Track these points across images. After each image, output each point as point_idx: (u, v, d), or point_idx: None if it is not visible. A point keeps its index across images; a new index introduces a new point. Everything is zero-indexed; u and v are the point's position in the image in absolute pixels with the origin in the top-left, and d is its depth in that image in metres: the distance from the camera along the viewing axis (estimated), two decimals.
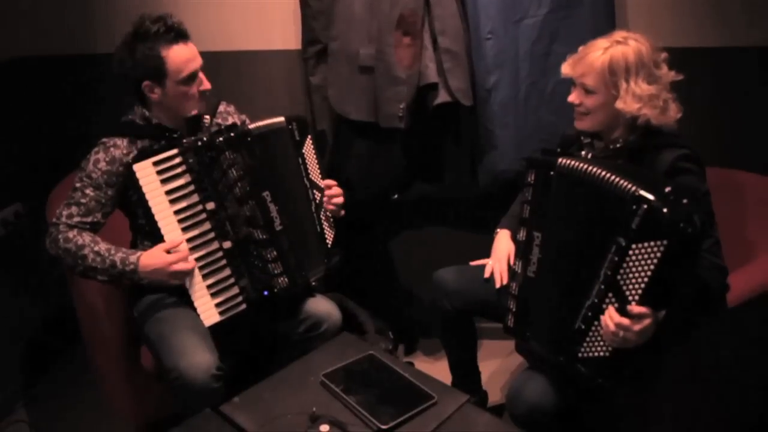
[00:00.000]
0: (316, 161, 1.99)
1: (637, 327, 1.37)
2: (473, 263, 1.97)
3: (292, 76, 2.47)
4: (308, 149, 1.97)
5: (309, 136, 1.98)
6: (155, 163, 1.70)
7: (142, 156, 1.71)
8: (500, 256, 1.89)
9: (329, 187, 1.99)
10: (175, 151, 1.73)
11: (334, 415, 1.51)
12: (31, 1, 2.52)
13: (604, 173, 1.45)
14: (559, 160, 1.56)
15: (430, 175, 2.44)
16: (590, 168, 1.48)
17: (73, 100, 2.62)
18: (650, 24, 2.25)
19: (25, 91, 2.63)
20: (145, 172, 1.70)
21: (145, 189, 1.70)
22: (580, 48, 1.68)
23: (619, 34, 1.63)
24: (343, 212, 2.03)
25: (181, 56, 1.73)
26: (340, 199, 2.00)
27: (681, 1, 2.24)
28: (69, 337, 2.49)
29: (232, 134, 1.78)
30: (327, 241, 2.02)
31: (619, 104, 1.59)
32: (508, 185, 2.22)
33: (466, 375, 2.13)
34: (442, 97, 2.15)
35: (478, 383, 2.16)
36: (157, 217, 1.71)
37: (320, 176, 2.00)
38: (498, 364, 2.53)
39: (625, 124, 1.64)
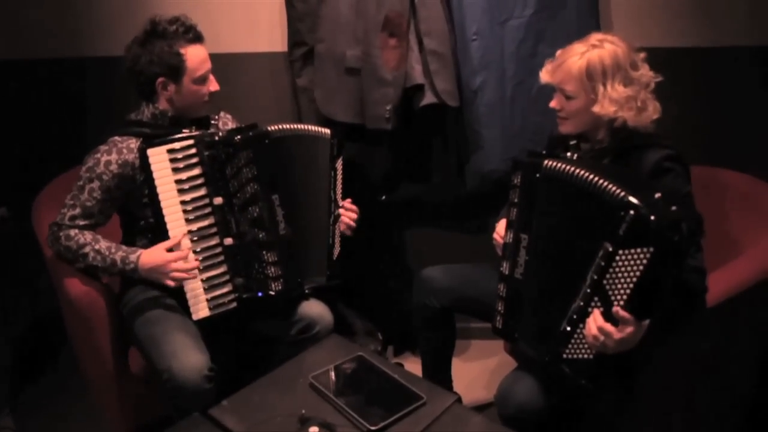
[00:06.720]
0: (341, 180, 1.99)
1: (617, 335, 1.37)
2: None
3: (279, 79, 2.47)
4: (339, 166, 1.97)
5: (341, 157, 1.97)
6: (170, 151, 1.72)
7: (156, 141, 1.71)
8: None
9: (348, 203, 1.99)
10: (191, 142, 1.74)
11: (324, 416, 1.50)
12: (13, 5, 2.49)
13: (591, 176, 1.44)
14: (545, 162, 1.55)
15: (418, 177, 2.44)
16: (577, 171, 1.47)
17: (57, 104, 2.60)
18: (634, 24, 2.27)
19: (9, 95, 2.61)
20: (159, 158, 1.71)
21: (155, 175, 1.71)
22: (558, 53, 1.68)
23: (594, 37, 1.62)
24: (350, 232, 2.00)
25: (199, 56, 1.77)
26: (351, 221, 1.98)
27: (664, 0, 2.25)
28: (56, 342, 2.47)
29: (251, 134, 1.78)
30: (333, 255, 2.00)
31: (596, 108, 1.59)
32: (495, 185, 2.23)
33: (439, 376, 2.08)
34: (429, 98, 2.16)
35: (449, 384, 2.12)
36: (163, 204, 1.72)
37: (341, 194, 1.99)
38: (486, 364, 2.53)
39: (604, 127, 1.64)
